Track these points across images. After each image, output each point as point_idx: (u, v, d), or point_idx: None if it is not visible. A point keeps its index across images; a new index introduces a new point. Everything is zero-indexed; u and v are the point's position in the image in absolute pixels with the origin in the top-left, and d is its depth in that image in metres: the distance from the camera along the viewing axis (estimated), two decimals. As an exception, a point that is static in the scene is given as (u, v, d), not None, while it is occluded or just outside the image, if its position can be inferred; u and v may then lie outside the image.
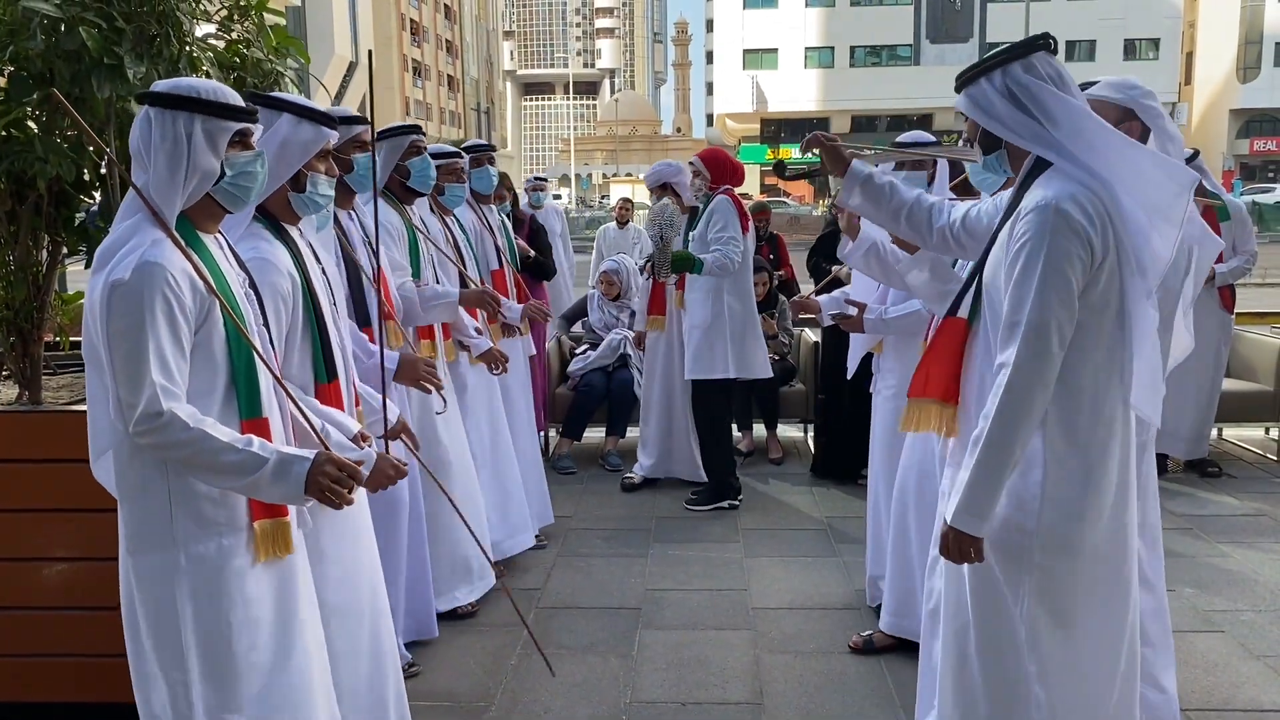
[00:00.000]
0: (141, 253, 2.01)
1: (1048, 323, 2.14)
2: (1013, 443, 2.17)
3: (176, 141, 2.08)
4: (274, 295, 2.38)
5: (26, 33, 2.76)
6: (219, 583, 2.12)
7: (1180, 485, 5.88)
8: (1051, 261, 2.14)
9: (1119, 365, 2.25)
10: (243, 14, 3.43)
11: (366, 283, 3.45)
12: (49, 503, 3.13)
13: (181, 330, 2.04)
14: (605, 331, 6.66)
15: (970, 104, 2.35)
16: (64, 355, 3.78)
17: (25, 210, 3.21)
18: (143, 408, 1.98)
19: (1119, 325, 2.24)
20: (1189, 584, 4.38)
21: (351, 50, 48.68)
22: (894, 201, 2.68)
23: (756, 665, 3.69)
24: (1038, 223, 2.16)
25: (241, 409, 2.16)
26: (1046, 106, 2.24)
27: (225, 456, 2.03)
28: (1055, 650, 2.29)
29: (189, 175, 2.10)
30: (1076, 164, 2.22)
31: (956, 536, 2.24)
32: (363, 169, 3.43)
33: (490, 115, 33.33)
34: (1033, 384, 2.15)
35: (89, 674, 3.18)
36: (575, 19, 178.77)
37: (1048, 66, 2.29)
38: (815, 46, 52.95)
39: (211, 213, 2.21)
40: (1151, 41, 51.12)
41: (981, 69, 2.32)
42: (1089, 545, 2.27)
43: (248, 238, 2.47)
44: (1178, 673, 3.57)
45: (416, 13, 65.76)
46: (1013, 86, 2.27)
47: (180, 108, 2.10)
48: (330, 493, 2.10)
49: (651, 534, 5.14)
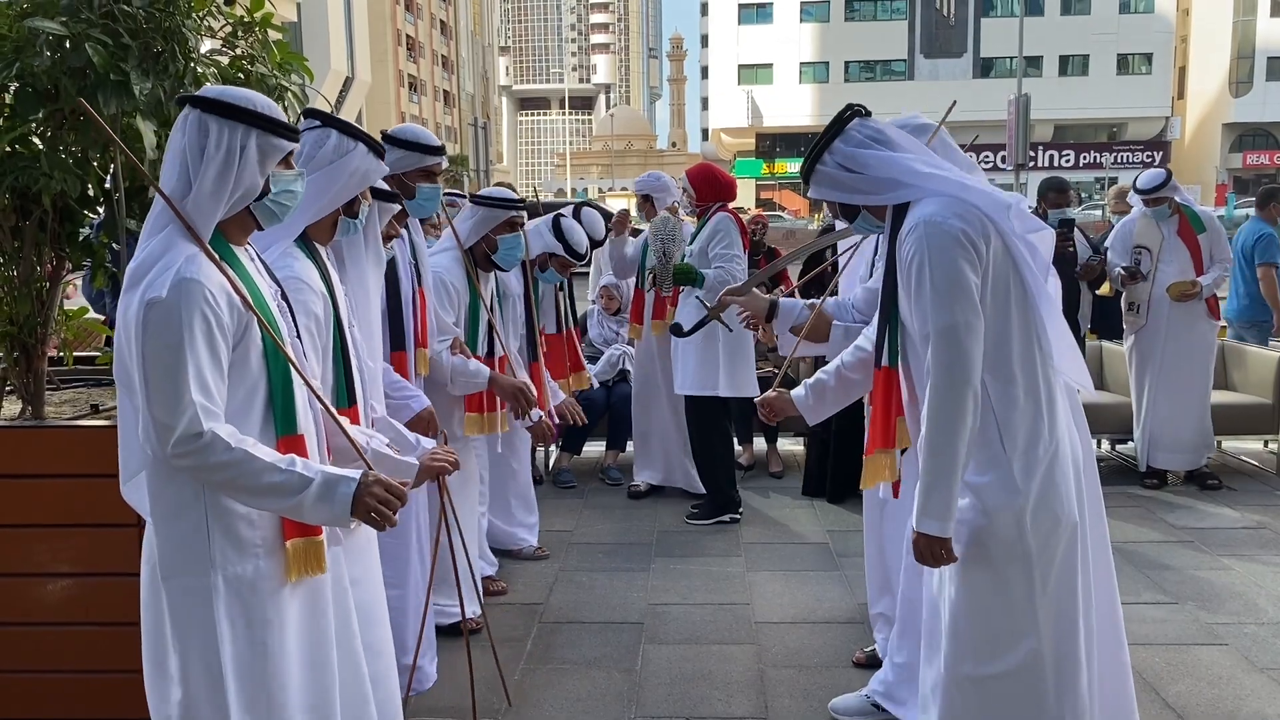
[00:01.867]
0: (178, 269, 1.94)
1: (954, 325, 2.25)
2: (952, 443, 2.26)
3: (230, 153, 2.02)
4: (307, 314, 2.37)
5: (33, 49, 2.77)
6: (257, 605, 2.08)
7: (1180, 498, 5.89)
8: (939, 268, 2.27)
9: (1036, 343, 2.37)
10: (247, 30, 3.43)
11: (405, 306, 3.47)
12: (52, 518, 3.12)
13: (220, 349, 1.99)
14: (605, 346, 6.66)
15: (819, 189, 2.54)
16: (67, 371, 3.78)
17: (30, 226, 3.21)
18: (182, 429, 1.92)
19: (1026, 305, 2.35)
20: (1190, 597, 4.38)
21: (348, 66, 48.84)
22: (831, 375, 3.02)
23: (761, 679, 3.68)
24: (915, 239, 2.31)
25: (278, 425, 2.12)
26: (873, 165, 2.43)
27: (268, 477, 1.98)
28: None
29: (235, 189, 2.05)
30: (926, 193, 2.38)
31: (925, 541, 2.32)
32: (425, 198, 3.57)
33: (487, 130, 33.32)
34: (955, 385, 2.25)
35: (92, 690, 3.16)
36: (570, 34, 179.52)
37: (864, 130, 2.48)
38: (810, 62, 53.27)
39: (245, 226, 2.15)
40: (1144, 56, 51.46)
41: (813, 157, 2.52)
42: (1066, 515, 2.37)
43: (282, 257, 2.45)
44: (1182, 686, 3.58)
45: (413, 28, 65.97)
46: (841, 160, 2.47)
47: (239, 119, 2.04)
48: (377, 514, 2.05)
49: (653, 548, 5.13)
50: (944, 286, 2.25)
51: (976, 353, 2.26)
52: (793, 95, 52.82)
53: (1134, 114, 51.12)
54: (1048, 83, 49.20)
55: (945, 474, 2.27)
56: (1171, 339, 5.96)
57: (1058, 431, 2.38)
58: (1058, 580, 2.38)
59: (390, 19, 59.83)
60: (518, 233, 4.00)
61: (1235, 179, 51.04)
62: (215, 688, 2.07)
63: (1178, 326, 5.95)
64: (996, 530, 2.35)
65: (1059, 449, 2.37)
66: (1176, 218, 5.98)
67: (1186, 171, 48.97)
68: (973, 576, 2.38)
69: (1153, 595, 4.40)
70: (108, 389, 3.62)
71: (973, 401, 2.25)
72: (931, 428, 2.28)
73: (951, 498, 2.28)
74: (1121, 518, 5.48)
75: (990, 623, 2.39)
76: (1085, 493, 2.47)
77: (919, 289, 2.29)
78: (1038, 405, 2.35)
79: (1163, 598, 4.38)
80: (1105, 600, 2.55)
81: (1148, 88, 51.04)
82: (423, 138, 3.63)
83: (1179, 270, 5.93)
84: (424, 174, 3.60)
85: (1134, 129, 51.69)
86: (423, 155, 3.58)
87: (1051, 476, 2.35)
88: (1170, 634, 4.02)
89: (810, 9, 53.02)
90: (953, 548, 2.32)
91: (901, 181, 2.39)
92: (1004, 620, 2.38)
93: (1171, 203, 5.95)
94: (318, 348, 2.44)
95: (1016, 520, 2.34)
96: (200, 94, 2.08)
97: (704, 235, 5.43)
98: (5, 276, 3.27)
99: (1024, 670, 2.38)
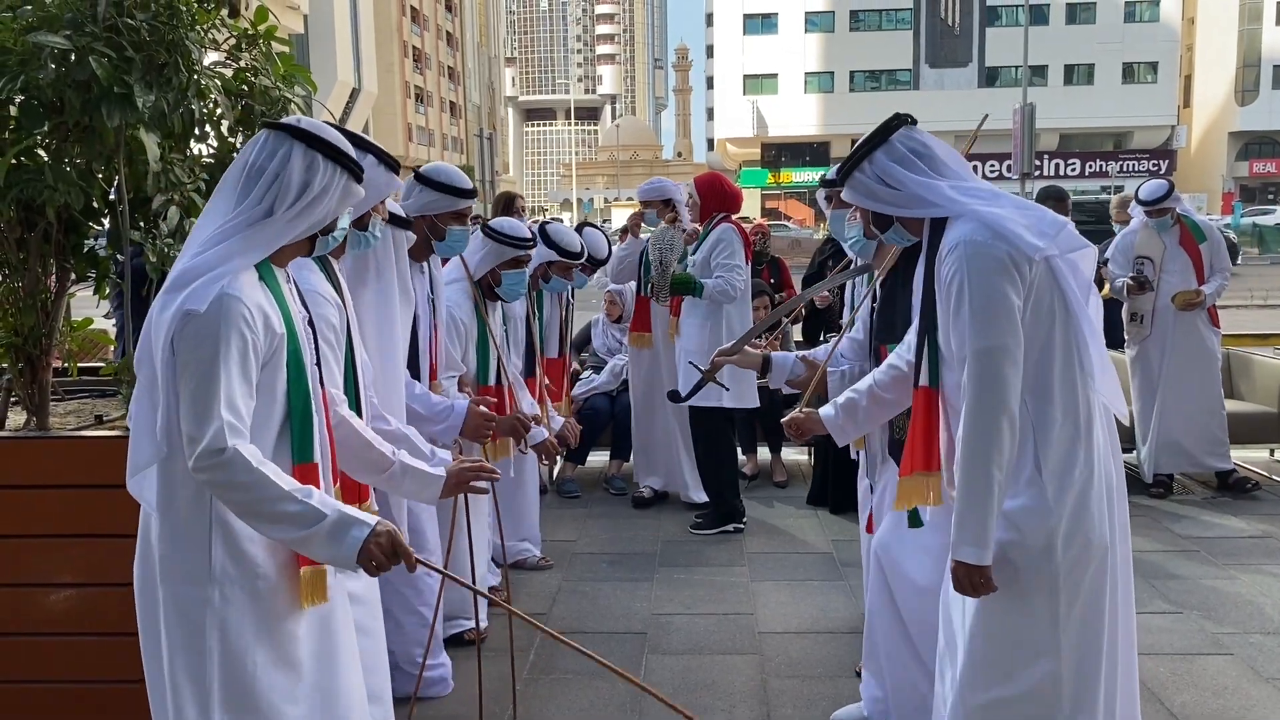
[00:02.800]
0: (222, 285, 1.98)
1: (994, 348, 2.21)
2: (987, 469, 2.21)
3: (324, 191, 2.11)
4: (326, 327, 2.41)
5: (38, 63, 2.79)
6: (250, 625, 2.07)
7: (1186, 508, 5.87)
8: (981, 289, 2.23)
9: (1077, 363, 2.32)
10: (251, 42, 3.46)
11: (423, 340, 3.50)
12: (57, 528, 3.13)
13: (251, 368, 2.01)
14: (608, 356, 6.67)
15: (854, 195, 2.51)
16: (72, 381, 3.79)
17: (35, 237, 3.23)
18: (206, 443, 1.93)
19: (1068, 326, 2.31)
20: (1196, 607, 4.37)
21: (354, 77, 49.02)
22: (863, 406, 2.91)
23: (764, 689, 3.68)
24: (956, 259, 2.26)
25: (295, 452, 2.13)
26: (910, 185, 2.39)
27: (284, 506, 1.98)
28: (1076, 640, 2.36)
29: (316, 223, 2.13)
30: (965, 212, 2.33)
31: (964, 570, 2.27)
32: (455, 239, 3.62)
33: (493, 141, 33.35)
34: (993, 409, 2.21)
35: (95, 701, 3.17)
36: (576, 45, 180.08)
37: (908, 143, 2.45)
38: (815, 71, 53.33)
39: (295, 251, 2.21)
40: (1150, 65, 51.45)
41: (853, 163, 2.48)
42: (1098, 538, 2.33)
43: (298, 269, 2.47)
44: (1187, 695, 3.57)
45: (419, 40, 66.23)
46: (880, 173, 2.43)
47: (340, 162, 2.14)
48: (378, 565, 2.05)
49: (657, 558, 5.13)
50: (983, 308, 2.21)
51: (1014, 377, 2.21)
52: (798, 105, 52.90)
53: (1140, 123, 51.09)
54: (1053, 92, 49.19)
55: (980, 500, 2.22)
56: (1175, 348, 5.98)
57: (1094, 454, 2.33)
58: (1085, 604, 2.33)
59: (396, 30, 60.09)
60: (523, 270, 4.00)
61: (1242, 187, 51.02)
62: (201, 701, 2.07)
63: (1181, 335, 5.97)
64: (1025, 550, 2.31)
65: (1094, 471, 2.32)
66: (1178, 228, 6.01)
67: (1193, 180, 48.94)
68: (995, 596, 2.32)
69: (1158, 605, 4.39)
70: (112, 400, 3.64)
71: (1009, 427, 2.20)
72: (966, 453, 2.23)
73: (987, 525, 2.23)
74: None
75: (1008, 643, 2.35)
76: (1116, 516, 2.42)
77: (958, 309, 2.25)
78: (1076, 427, 2.30)
79: (1168, 607, 4.37)
80: (1125, 617, 2.53)
81: (1153, 96, 51.00)
82: (456, 180, 3.63)
83: (1182, 280, 5.95)
84: (455, 216, 3.62)
85: (1140, 138, 51.66)
86: (455, 199, 3.60)
87: (1085, 499, 2.31)
88: (1175, 644, 4.00)
89: (815, 19, 53.11)
90: (991, 576, 2.27)
91: (939, 204, 2.36)
92: (1023, 642, 2.34)
93: (1173, 213, 5.97)
94: (338, 358, 2.49)
95: (1047, 541, 2.29)
96: (306, 129, 2.14)
97: (706, 245, 5.44)
98: (10, 288, 3.29)
99: (1038, 693, 2.34)
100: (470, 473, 2.57)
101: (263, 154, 2.10)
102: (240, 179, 2.10)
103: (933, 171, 2.42)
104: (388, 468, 2.48)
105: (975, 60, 52.22)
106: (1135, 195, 6.16)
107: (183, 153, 3.27)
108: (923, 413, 2.51)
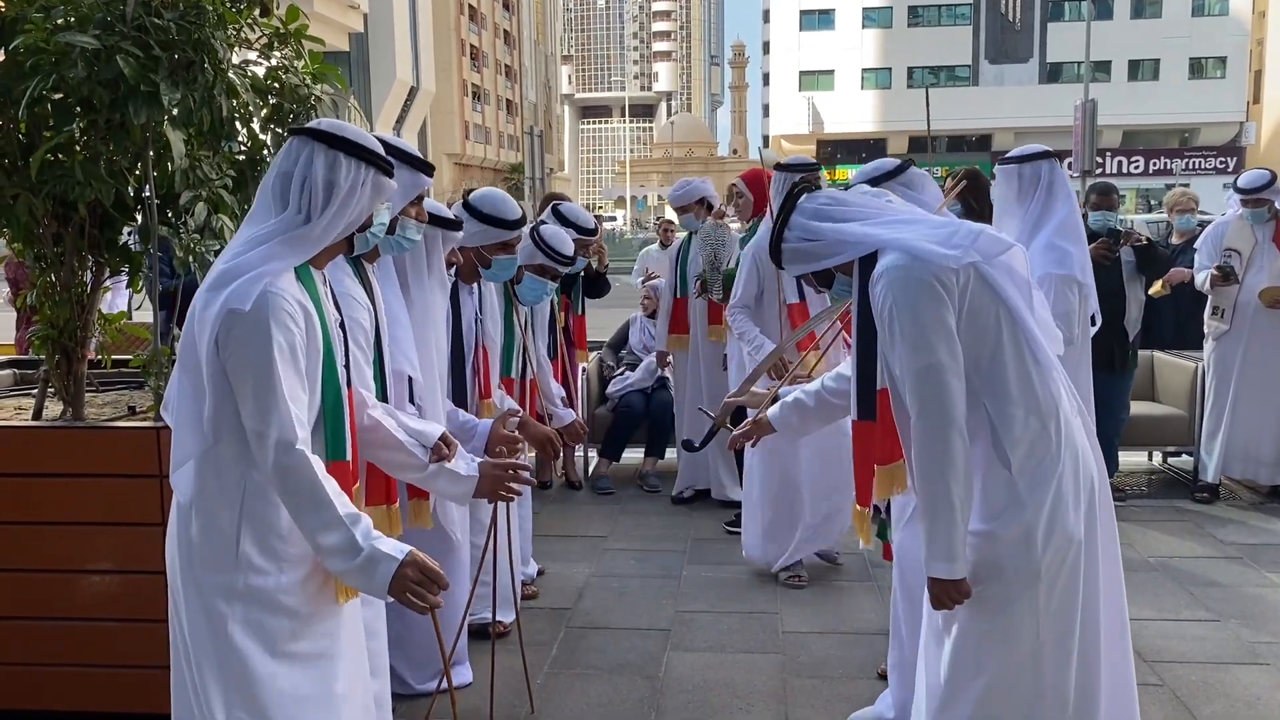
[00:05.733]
0: (265, 284, 2.02)
1: (929, 366, 2.25)
2: (944, 483, 2.24)
3: (353, 189, 2.15)
4: (353, 328, 2.47)
5: (68, 62, 2.87)
6: (270, 618, 2.11)
7: (1231, 512, 5.73)
8: (907, 311, 2.26)
9: (1030, 358, 2.34)
10: (282, 40, 3.51)
11: (467, 360, 3.54)
12: (91, 516, 3.22)
13: (300, 362, 2.07)
14: (644, 353, 6.68)
15: (793, 265, 2.58)
16: (106, 373, 3.89)
17: (70, 232, 3.32)
18: (276, 436, 2.00)
19: (1014, 325, 2.33)
20: (1234, 615, 4.26)
21: (413, 76, 49.51)
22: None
23: (783, 689, 3.66)
24: (883, 287, 2.31)
25: (328, 449, 2.20)
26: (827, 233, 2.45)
27: (324, 538, 2.05)
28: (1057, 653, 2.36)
29: (353, 222, 2.18)
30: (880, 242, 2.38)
31: (938, 586, 2.30)
32: (501, 269, 3.67)
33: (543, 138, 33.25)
34: (940, 424, 2.24)
35: (126, 684, 3.25)
36: (633, 43, 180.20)
37: (813, 203, 2.50)
38: (872, 68, 52.78)
39: (333, 253, 2.26)
40: (1218, 60, 50.10)
41: (776, 238, 2.54)
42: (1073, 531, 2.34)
43: (332, 270, 2.53)
44: (1218, 705, 3.48)
45: (476, 38, 66.73)
46: (801, 233, 2.49)
47: (362, 158, 2.17)
48: (414, 594, 2.07)
49: (686, 555, 5.13)
50: (914, 330, 2.26)
51: (956, 390, 2.25)
52: (854, 101, 52.39)
53: (1207, 119, 49.78)
54: (1117, 88, 48.12)
55: (942, 515, 2.26)
56: (1254, 347, 5.75)
57: (1063, 445, 2.34)
58: (1060, 598, 2.34)
59: (454, 29, 60.59)
60: (513, 254, 3.88)
61: (1313, 185, 49.44)
62: (224, 695, 2.10)
63: (1263, 334, 5.73)
64: (1003, 545, 2.32)
65: (1064, 461, 2.33)
66: (1273, 224, 5.74)
67: (1262, 178, 47.46)
68: (977, 592, 2.33)
69: (1193, 612, 4.29)
70: (146, 391, 3.73)
71: (959, 438, 2.24)
72: (920, 472, 2.28)
73: (954, 539, 2.26)
74: (1169, 532, 5.35)
75: (990, 636, 2.36)
76: (1100, 511, 2.43)
77: (891, 332, 2.30)
78: (1041, 419, 2.32)
79: (1204, 615, 4.26)
80: (1115, 616, 2.50)
81: (1221, 92, 49.66)
82: (504, 212, 3.65)
83: (1270, 277, 5.69)
84: (502, 247, 3.66)
85: (1206, 135, 50.34)
86: (503, 231, 3.65)
87: (1061, 493, 2.31)
88: (1209, 652, 3.91)
89: (873, 14, 52.55)
90: (968, 586, 2.30)
91: (854, 242, 2.43)
92: (1004, 635, 2.35)
93: (1271, 206, 5.71)
94: (368, 360, 2.56)
95: (1025, 536, 2.30)
96: (325, 130, 2.19)
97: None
98: (46, 282, 3.38)
99: (1016, 685, 2.36)
100: (504, 475, 2.63)
101: (289, 160, 2.16)
102: (273, 187, 2.16)
103: (845, 217, 2.48)
104: (422, 467, 2.55)
105: (1036, 56, 51.27)
106: (1234, 184, 5.92)
107: (212, 149, 3.34)
108: (884, 410, 2.56)
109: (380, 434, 2.49)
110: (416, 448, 2.53)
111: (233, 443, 2.08)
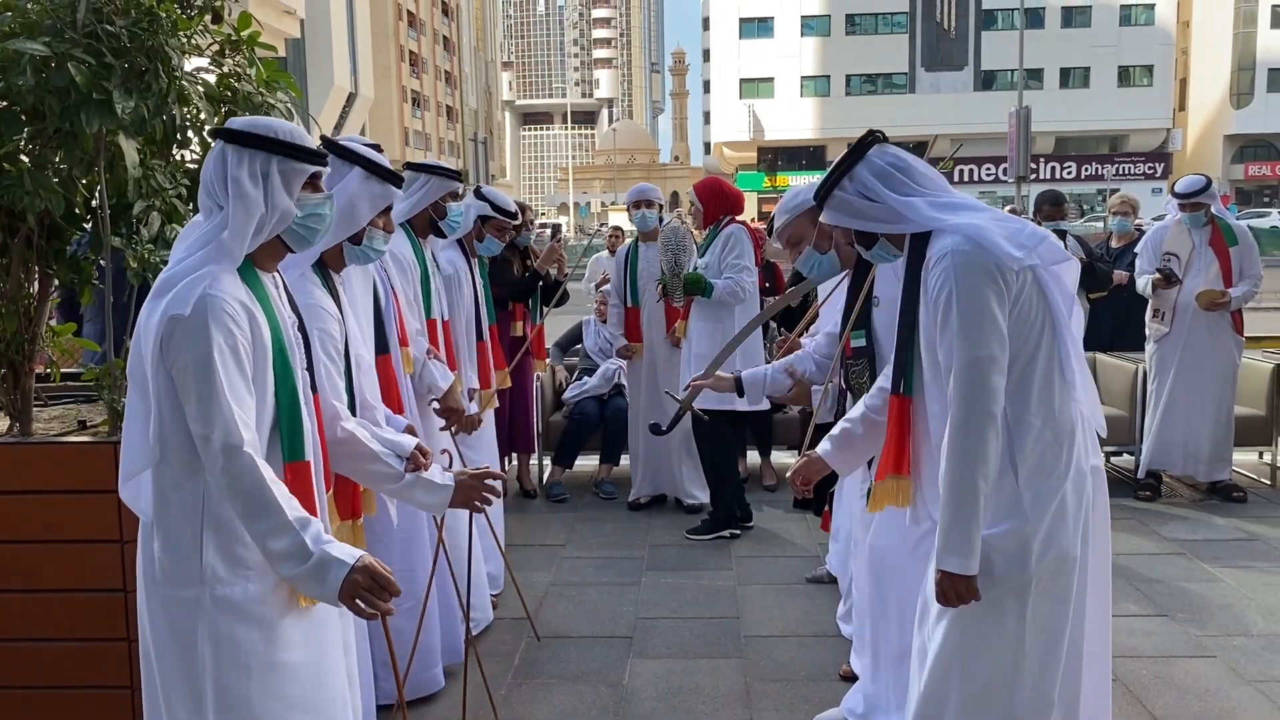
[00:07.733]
0: (204, 287, 2.00)
1: (979, 358, 2.22)
2: (973, 477, 2.22)
3: (254, 179, 2.10)
4: (325, 340, 2.45)
5: (17, 69, 2.80)
6: (240, 628, 2.07)
7: (1173, 509, 5.88)
8: (966, 299, 2.24)
9: (1059, 372, 2.34)
10: (234, 48, 3.46)
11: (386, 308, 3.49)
12: (40, 534, 3.13)
13: (245, 363, 2.03)
14: (601, 357, 6.67)
15: (834, 215, 2.51)
16: (54, 387, 3.80)
17: (17, 243, 3.23)
18: (219, 439, 1.96)
19: (1053, 337, 2.33)
20: (1180, 609, 4.37)
21: (351, 82, 49.00)
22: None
23: (747, 693, 3.68)
24: (944, 270, 2.27)
25: (285, 450, 2.16)
26: (891, 199, 2.40)
27: (274, 542, 2.01)
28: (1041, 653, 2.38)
29: (269, 214, 2.12)
30: (946, 225, 2.34)
31: (948, 579, 2.28)
32: (454, 216, 3.94)
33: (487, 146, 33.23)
34: (978, 418, 2.22)
35: (82, 706, 3.17)
36: (573, 49, 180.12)
37: (884, 157, 2.44)
38: (811, 75, 53.38)
39: (274, 252, 2.21)
40: (1145, 69, 51.52)
41: (833, 181, 2.47)
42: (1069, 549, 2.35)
43: (301, 281, 2.52)
44: (1169, 698, 3.57)
45: (415, 44, 66.21)
46: (861, 188, 2.43)
47: (259, 147, 2.11)
48: (363, 601, 2.04)
49: (644, 562, 5.13)
50: (971, 319, 2.22)
51: (1000, 386, 2.22)
52: (794, 109, 52.93)
53: (1135, 126, 51.16)
54: (1049, 95, 49.27)
55: (966, 508, 2.22)
56: (1192, 348, 5.90)
57: (1072, 464, 2.34)
58: (1050, 610, 2.36)
59: (393, 35, 60.07)
60: (460, 202, 4.10)
61: (1237, 190, 51.02)
62: (196, 705, 2.07)
63: (1200, 336, 5.88)
64: (999, 554, 2.31)
65: (1071, 480, 2.33)
66: (1209, 227, 5.90)
67: (1188, 183, 48.84)
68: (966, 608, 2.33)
69: (1141, 607, 4.40)
70: (95, 405, 3.64)
71: (994, 436, 2.21)
72: (952, 462, 2.24)
73: (973, 535, 2.23)
74: (1114, 529, 5.44)
75: (976, 644, 2.37)
76: (1094, 527, 2.43)
77: (944, 320, 2.26)
78: (1056, 434, 2.31)
79: (1151, 610, 4.37)
80: (1100, 625, 2.54)
81: (1149, 100, 51.06)
82: (441, 164, 3.96)
83: (1207, 281, 5.84)
84: (452, 196, 3.93)
85: (1135, 141, 51.74)
86: (448, 180, 3.88)
87: (1063, 509, 2.32)
88: (1158, 646, 4.01)
89: (811, 23, 53.15)
90: (976, 586, 2.27)
91: (919, 219, 2.37)
92: (990, 643, 2.36)
93: (1207, 211, 5.87)
94: (340, 371, 2.54)
95: (1021, 547, 2.30)
96: (226, 125, 2.15)
97: (716, 246, 5.44)
98: (-8, 294, 3.29)
99: (1000, 693, 2.37)
100: (479, 485, 2.61)
101: (211, 162, 2.14)
102: (203, 190, 2.14)
103: (912, 185, 2.42)
104: (398, 478, 2.53)
105: (971, 64, 52.29)
106: (1172, 189, 6.06)
107: (165, 159, 3.28)
108: (896, 419, 2.54)
109: (355, 445, 2.47)
110: (391, 458, 2.51)
111: (185, 454, 2.05)
